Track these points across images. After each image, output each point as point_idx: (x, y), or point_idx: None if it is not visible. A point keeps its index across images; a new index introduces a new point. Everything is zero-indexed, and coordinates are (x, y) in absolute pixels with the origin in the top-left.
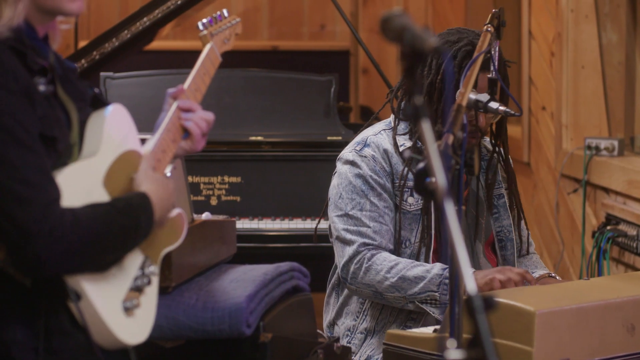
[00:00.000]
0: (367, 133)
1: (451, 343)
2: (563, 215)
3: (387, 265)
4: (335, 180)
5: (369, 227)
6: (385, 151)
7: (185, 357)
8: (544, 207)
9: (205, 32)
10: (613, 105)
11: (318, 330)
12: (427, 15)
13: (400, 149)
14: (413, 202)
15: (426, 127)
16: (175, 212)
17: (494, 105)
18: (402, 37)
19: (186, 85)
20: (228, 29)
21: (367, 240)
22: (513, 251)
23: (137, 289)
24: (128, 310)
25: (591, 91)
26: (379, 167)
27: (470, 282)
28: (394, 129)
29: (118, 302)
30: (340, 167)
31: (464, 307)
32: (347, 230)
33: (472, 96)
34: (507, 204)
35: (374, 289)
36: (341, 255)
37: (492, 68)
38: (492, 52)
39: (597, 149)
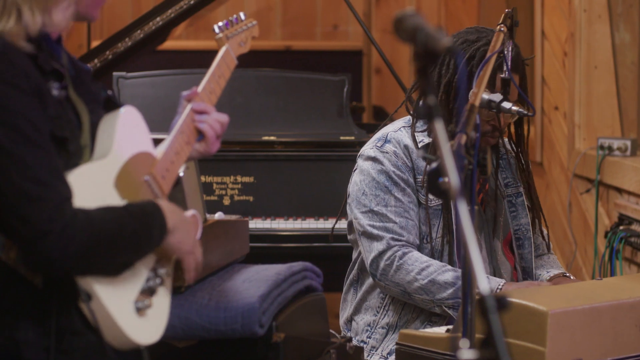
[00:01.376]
0: (388, 129)
1: (464, 343)
2: (576, 215)
3: (419, 267)
4: (357, 177)
5: (395, 222)
6: (406, 147)
7: (198, 357)
8: (556, 207)
9: (221, 35)
10: (626, 105)
11: (331, 330)
12: (440, 15)
13: (420, 145)
14: (433, 197)
15: (439, 127)
16: (190, 213)
17: (507, 105)
18: (415, 37)
19: (200, 87)
20: (244, 32)
21: (395, 236)
22: (530, 250)
23: (149, 290)
24: (140, 310)
25: (604, 91)
26: (401, 163)
27: (484, 281)
28: (412, 126)
29: (130, 303)
30: (361, 163)
31: (476, 307)
32: (373, 226)
33: (485, 96)
34: (525, 203)
35: (403, 289)
36: (369, 250)
37: (505, 68)
38: (505, 52)
39: (610, 149)
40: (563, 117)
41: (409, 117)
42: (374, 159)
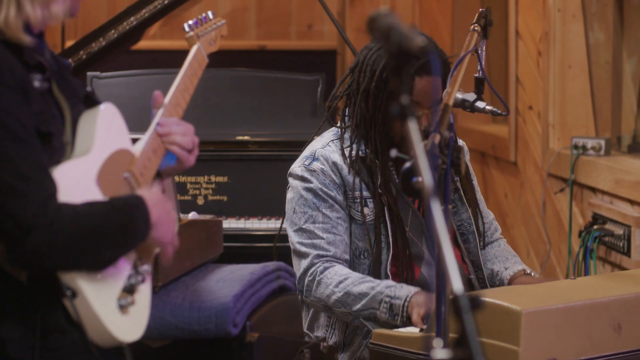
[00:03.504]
0: (316, 146)
1: (437, 342)
2: (550, 215)
3: (337, 280)
4: (288, 195)
5: (323, 238)
6: (335, 164)
7: (171, 357)
8: (530, 206)
9: (191, 33)
10: (600, 104)
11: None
12: (415, 14)
13: (349, 160)
14: (368, 212)
15: (412, 126)
16: (169, 203)
17: (481, 104)
18: (389, 36)
19: (170, 94)
20: (214, 31)
21: (321, 252)
22: (476, 243)
23: (131, 287)
24: (123, 308)
25: (578, 90)
26: (328, 180)
27: (457, 281)
28: (340, 139)
29: (113, 300)
30: (292, 182)
31: (450, 307)
32: (301, 243)
33: (459, 95)
34: (464, 197)
35: (324, 303)
36: (297, 268)
37: (478, 67)
38: (479, 52)
39: (584, 148)
40: (537, 116)
41: (338, 130)
42: (302, 178)
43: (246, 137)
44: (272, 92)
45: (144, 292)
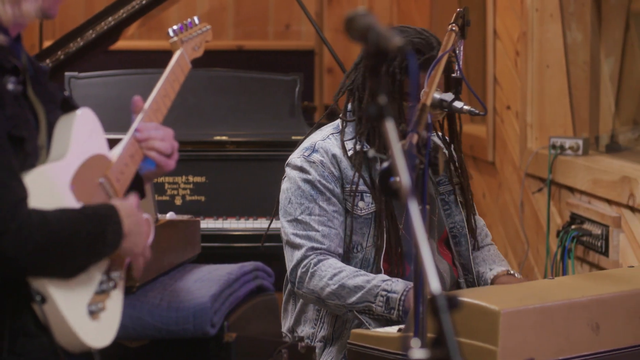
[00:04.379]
0: (315, 138)
1: (415, 342)
2: (528, 215)
3: (331, 272)
4: (284, 185)
5: (318, 231)
6: (334, 156)
7: (149, 357)
8: (508, 206)
9: (175, 38)
10: (578, 104)
11: (282, 330)
12: (392, 14)
13: (349, 153)
14: (364, 206)
15: (390, 126)
16: (143, 217)
17: (458, 104)
18: (367, 36)
19: (153, 94)
20: (198, 36)
21: (315, 244)
22: (467, 246)
23: (103, 293)
24: (93, 313)
25: (556, 90)
26: (327, 173)
27: (435, 281)
28: (341, 133)
29: (83, 306)
30: (289, 172)
31: (428, 307)
32: (296, 234)
33: (437, 95)
34: (459, 200)
35: (317, 295)
36: (290, 259)
37: (456, 67)
38: (457, 52)
39: (562, 148)
40: (515, 116)
41: (337, 123)
42: (300, 168)
43: (224, 137)
44: (250, 92)
45: (115, 298)
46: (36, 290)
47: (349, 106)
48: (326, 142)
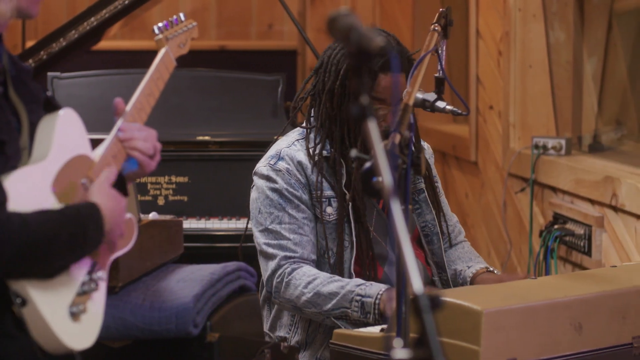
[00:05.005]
0: (281, 145)
1: (398, 342)
2: (510, 215)
3: (305, 281)
4: (253, 195)
5: (289, 239)
6: (300, 163)
7: (132, 357)
8: (491, 206)
9: (160, 36)
10: (560, 104)
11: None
12: (375, 14)
13: (315, 158)
14: (332, 211)
15: (372, 126)
16: (126, 216)
17: (441, 104)
18: (349, 36)
19: (137, 92)
20: (184, 33)
21: (288, 253)
22: (440, 244)
23: (84, 294)
24: (74, 315)
25: (539, 90)
26: (294, 180)
27: (417, 281)
28: (306, 139)
29: (64, 308)
30: (256, 181)
31: (410, 307)
32: (268, 244)
33: (419, 95)
34: (428, 199)
35: (294, 304)
36: (265, 269)
37: (439, 67)
38: (440, 52)
39: (545, 148)
40: (498, 116)
41: (303, 129)
42: (267, 177)
43: (206, 137)
44: (233, 92)
45: (97, 300)
46: (16, 293)
47: (312, 111)
48: (291, 148)
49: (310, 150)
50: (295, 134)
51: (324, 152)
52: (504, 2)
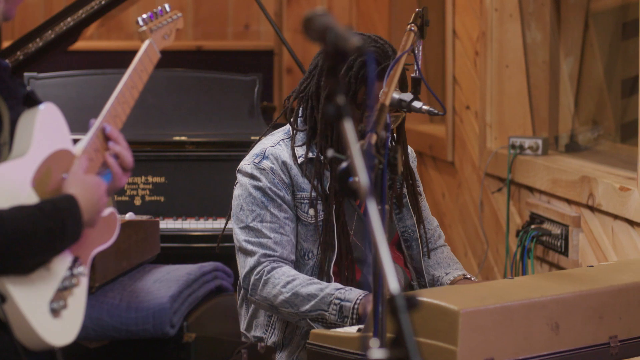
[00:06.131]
0: (266, 144)
1: (374, 342)
2: (487, 214)
3: (284, 280)
4: (236, 192)
5: (270, 238)
6: (284, 163)
7: (109, 357)
8: (468, 206)
9: (144, 27)
10: (537, 104)
11: (242, 330)
12: (352, 14)
13: (299, 160)
14: (314, 213)
15: (348, 126)
16: (108, 211)
17: (417, 104)
18: (325, 36)
19: (121, 84)
20: (169, 25)
21: (267, 252)
22: (419, 250)
23: (65, 290)
24: (55, 311)
25: (515, 90)
26: (277, 180)
27: (394, 281)
28: (292, 140)
29: (45, 304)
30: (240, 178)
31: (387, 307)
32: (248, 241)
33: (396, 95)
34: (408, 203)
35: (270, 303)
36: (243, 266)
37: (415, 67)
38: (416, 52)
39: (522, 148)
40: (474, 116)
41: (288, 128)
42: (251, 175)
43: (183, 138)
44: (209, 92)
45: (78, 296)
46: None
47: (300, 112)
48: (276, 148)
49: (296, 151)
50: (280, 133)
51: (310, 154)
52: (480, 2)
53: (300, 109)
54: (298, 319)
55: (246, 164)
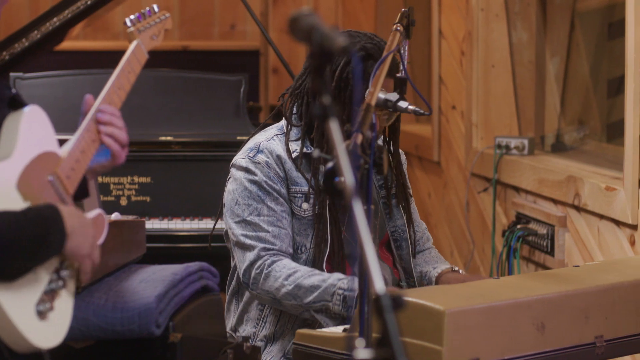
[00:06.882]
0: (260, 139)
1: (360, 342)
2: (473, 214)
3: (286, 273)
4: (230, 186)
5: (268, 231)
6: (279, 157)
7: (95, 358)
8: (454, 206)
9: (132, 28)
10: (523, 104)
11: (228, 330)
12: (338, 14)
13: (293, 155)
14: (307, 207)
15: (334, 126)
16: (96, 212)
17: (403, 104)
18: (311, 36)
19: (108, 85)
20: (157, 25)
21: (267, 245)
22: (408, 250)
23: (52, 292)
24: (41, 314)
25: (501, 90)
26: (273, 174)
27: (379, 281)
28: (286, 135)
29: (31, 306)
30: (234, 172)
31: (373, 306)
32: (245, 235)
33: (382, 95)
34: (399, 204)
35: (273, 296)
36: (242, 260)
37: (401, 67)
38: (402, 52)
39: (507, 147)
40: (460, 116)
41: (282, 125)
42: (246, 169)
43: (169, 138)
44: (195, 92)
45: (65, 298)
46: None
47: (294, 109)
48: (270, 143)
49: (290, 146)
50: (274, 129)
51: (305, 149)
52: (466, 2)
53: (295, 105)
54: (302, 310)
55: (240, 158)
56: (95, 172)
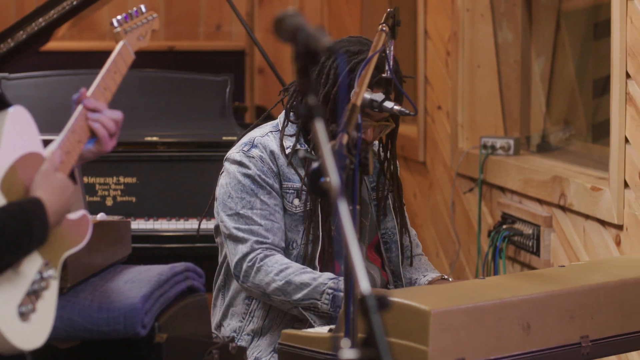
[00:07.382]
0: (255, 134)
1: (345, 343)
2: (459, 215)
3: (277, 268)
4: (223, 180)
5: (261, 225)
6: (272, 153)
7: (80, 358)
8: (439, 206)
9: (119, 29)
10: (509, 104)
11: (213, 331)
12: (323, 15)
13: (287, 151)
14: (299, 204)
15: (320, 127)
16: (80, 213)
17: (388, 104)
18: (296, 37)
19: (92, 87)
20: (144, 26)
21: (259, 239)
22: (397, 253)
23: (34, 293)
24: (23, 315)
25: (487, 90)
26: (266, 168)
27: (365, 281)
28: (281, 130)
29: (13, 307)
30: (228, 166)
31: (358, 307)
32: (238, 229)
33: (367, 96)
34: (391, 207)
35: (262, 290)
36: (234, 253)
37: (386, 67)
38: (387, 52)
39: (493, 148)
40: (446, 116)
41: (277, 122)
42: (240, 163)
43: (155, 138)
44: (181, 92)
45: (48, 299)
46: None
47: (294, 104)
48: (265, 138)
49: (284, 142)
50: (269, 126)
51: (298, 146)
52: (452, 2)
53: (293, 103)
54: (290, 307)
55: (234, 152)
56: (82, 157)
